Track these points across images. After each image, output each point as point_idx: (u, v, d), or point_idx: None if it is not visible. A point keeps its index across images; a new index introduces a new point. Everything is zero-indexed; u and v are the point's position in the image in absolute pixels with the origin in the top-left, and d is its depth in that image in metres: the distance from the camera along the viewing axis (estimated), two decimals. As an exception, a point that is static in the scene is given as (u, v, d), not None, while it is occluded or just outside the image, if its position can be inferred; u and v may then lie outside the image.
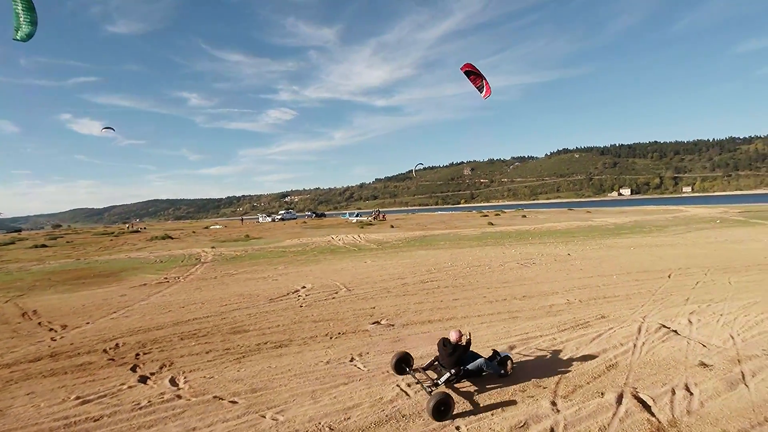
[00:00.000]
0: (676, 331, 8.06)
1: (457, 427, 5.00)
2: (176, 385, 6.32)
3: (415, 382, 6.08)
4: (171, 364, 7.19)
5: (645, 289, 11.33)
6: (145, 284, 14.95)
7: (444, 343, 6.14)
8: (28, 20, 9.85)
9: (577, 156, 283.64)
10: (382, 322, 9.22)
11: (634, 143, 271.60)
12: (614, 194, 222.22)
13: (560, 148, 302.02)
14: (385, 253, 20.76)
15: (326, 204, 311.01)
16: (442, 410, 5.14)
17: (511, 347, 7.41)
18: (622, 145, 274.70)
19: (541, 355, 7.14)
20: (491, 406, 5.50)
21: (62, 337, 8.92)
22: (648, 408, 5.33)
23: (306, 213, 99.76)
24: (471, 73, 13.52)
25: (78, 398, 5.95)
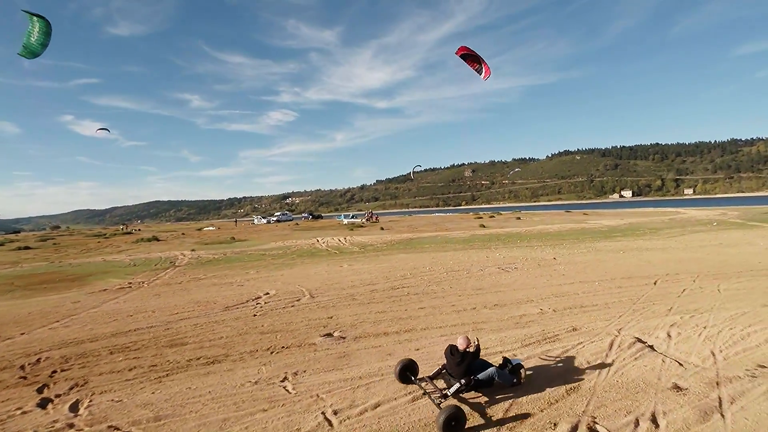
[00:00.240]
0: (652, 347, 7.28)
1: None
2: (76, 411, 5.58)
3: (421, 393, 5.60)
4: (84, 384, 6.44)
5: (626, 297, 10.54)
6: (106, 290, 14.23)
7: (451, 351, 5.76)
8: (40, 42, 10.04)
9: (578, 158, 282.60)
10: (335, 334, 8.47)
11: (635, 145, 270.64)
12: (615, 196, 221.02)
13: (561, 150, 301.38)
14: (365, 257, 20.00)
15: (327, 206, 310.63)
16: (454, 425, 4.68)
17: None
18: (623, 146, 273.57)
19: (496, 375, 6.37)
20: (504, 420, 4.99)
21: (-16, 351, 8.20)
22: (602, 445, 4.57)
23: (303, 215, 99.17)
24: (467, 56, 12.66)
25: (-45, 427, 5.22)
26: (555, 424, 4.96)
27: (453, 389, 5.41)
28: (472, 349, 5.72)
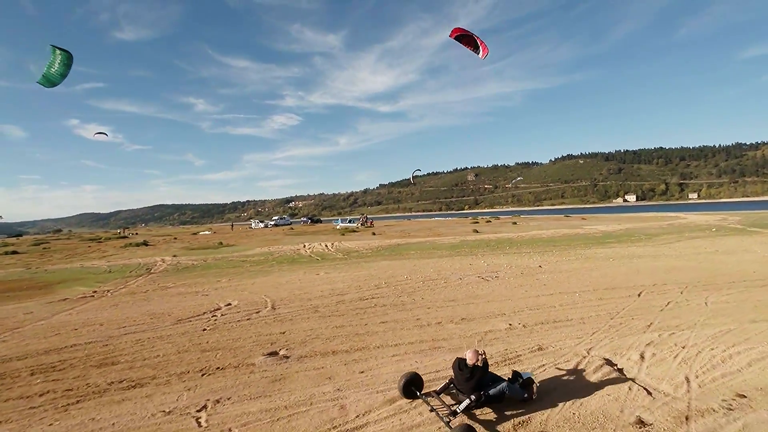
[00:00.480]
0: (621, 370, 6.56)
1: None
2: (-47, 447, 4.95)
3: (428, 410, 5.26)
4: (-18, 412, 5.81)
5: (605, 311, 9.80)
6: (67, 299, 13.63)
7: (459, 365, 5.50)
8: (60, 73, 10.33)
9: (582, 162, 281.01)
10: (280, 353, 7.79)
11: (639, 149, 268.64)
12: (619, 200, 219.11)
13: (565, 154, 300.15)
14: (345, 264, 19.31)
15: (330, 209, 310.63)
16: None
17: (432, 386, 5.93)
18: (627, 150, 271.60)
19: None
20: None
21: None
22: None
23: (302, 219, 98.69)
24: (463, 37, 11.90)
25: None
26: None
27: (463, 405, 5.15)
28: (480, 363, 5.44)
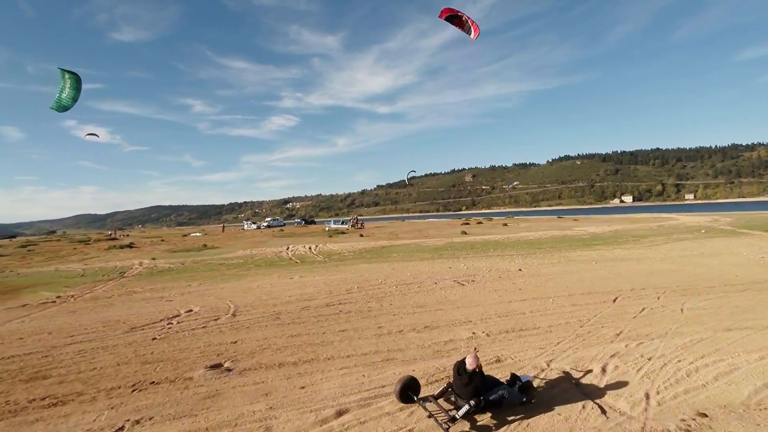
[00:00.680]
0: (579, 385, 6.14)
1: None
2: None
3: (426, 416, 5.10)
4: None
5: (576, 318, 9.39)
6: (27, 305, 13.15)
7: (458, 370, 5.37)
8: (71, 97, 10.78)
9: (579, 163, 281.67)
10: (224, 365, 7.34)
11: (635, 150, 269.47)
12: (616, 201, 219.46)
13: (562, 155, 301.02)
14: (323, 267, 18.86)
15: (328, 210, 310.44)
16: None
17: (344, 411, 5.50)
18: (624, 151, 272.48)
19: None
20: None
21: None
22: None
23: (296, 220, 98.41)
24: (454, 17, 11.25)
25: None
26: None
27: (462, 411, 5.03)
28: (477, 368, 5.32)
